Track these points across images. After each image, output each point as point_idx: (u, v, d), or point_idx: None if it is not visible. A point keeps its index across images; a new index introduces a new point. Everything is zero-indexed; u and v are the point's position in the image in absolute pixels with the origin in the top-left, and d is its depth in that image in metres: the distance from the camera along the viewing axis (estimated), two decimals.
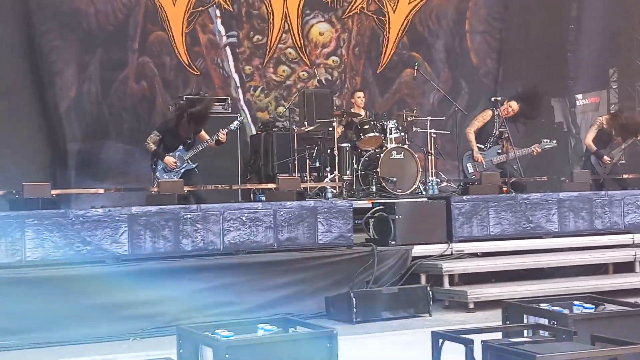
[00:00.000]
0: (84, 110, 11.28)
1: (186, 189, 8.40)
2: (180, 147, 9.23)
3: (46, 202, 7.27)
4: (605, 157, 10.47)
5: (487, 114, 10.14)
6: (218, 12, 12.50)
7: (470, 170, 10.00)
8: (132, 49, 11.72)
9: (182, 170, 9.21)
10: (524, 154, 10.07)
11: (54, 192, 7.58)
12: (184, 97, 11.05)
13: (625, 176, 10.70)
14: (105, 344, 6.59)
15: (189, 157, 9.21)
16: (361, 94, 11.20)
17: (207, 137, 9.29)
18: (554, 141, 10.37)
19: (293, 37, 12.89)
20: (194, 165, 9.28)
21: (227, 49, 12.59)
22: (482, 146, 10.10)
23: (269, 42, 12.76)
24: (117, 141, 11.23)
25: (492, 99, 9.99)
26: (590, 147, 10.66)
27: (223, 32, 12.56)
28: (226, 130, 9.35)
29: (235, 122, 9.58)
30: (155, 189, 8.13)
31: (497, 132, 10.05)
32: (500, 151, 9.99)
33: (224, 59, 12.56)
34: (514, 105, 10.13)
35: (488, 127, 10.07)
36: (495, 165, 10.00)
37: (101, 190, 9.00)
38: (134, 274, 6.95)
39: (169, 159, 9.14)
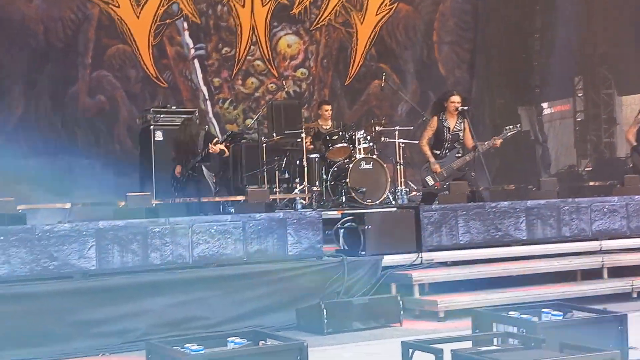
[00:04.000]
0: (33, 127, 11.18)
1: (154, 202, 8.36)
2: (190, 157, 9.57)
3: (12, 218, 7.17)
4: None
5: (434, 122, 9.74)
6: (186, 25, 12.50)
7: (430, 182, 9.68)
8: (84, 64, 11.68)
9: (184, 179, 9.53)
10: (486, 149, 9.69)
11: (19, 207, 7.49)
12: (151, 109, 11.03)
13: None
14: (74, 359, 6.53)
15: (190, 166, 9.50)
16: (329, 106, 11.19)
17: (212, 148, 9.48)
18: (518, 125, 10.01)
19: (261, 49, 12.91)
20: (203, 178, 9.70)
21: (196, 61, 12.58)
22: (439, 152, 9.72)
23: (237, 54, 12.77)
24: (72, 156, 11.16)
25: (460, 108, 9.91)
26: (629, 142, 10.70)
27: (191, 44, 12.55)
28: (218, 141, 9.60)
29: (225, 136, 10.02)
30: (123, 203, 8.07)
31: (450, 137, 9.71)
32: (459, 154, 9.79)
33: (192, 71, 12.55)
34: (456, 98, 9.84)
35: (439, 133, 9.71)
36: (456, 169, 9.78)
37: (67, 205, 8.90)
38: (102, 289, 6.89)
39: (177, 168, 9.63)
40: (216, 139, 9.64)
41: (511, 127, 9.75)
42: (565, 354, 4.51)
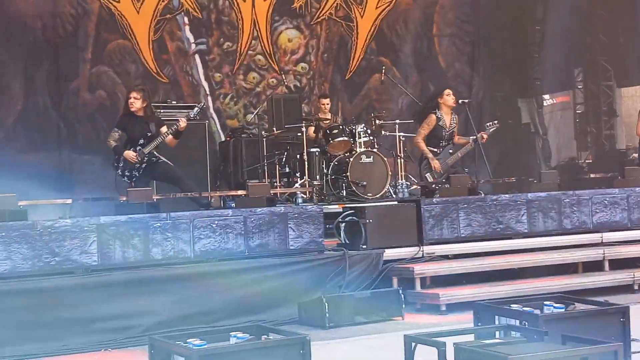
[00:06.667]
0: (33, 123, 11.17)
1: (155, 197, 8.34)
2: (141, 141, 8.73)
3: (13, 214, 7.17)
4: None
5: (432, 119, 9.79)
6: (186, 20, 12.46)
7: (430, 180, 9.73)
8: (84, 60, 11.65)
9: (144, 166, 8.74)
10: (472, 146, 9.74)
11: (20, 203, 7.49)
12: (151, 105, 10.98)
13: None
14: (76, 355, 6.54)
15: (148, 150, 8.70)
16: (327, 100, 11.23)
17: (164, 130, 8.76)
18: (496, 121, 10.06)
19: (262, 44, 12.88)
20: (162, 159, 8.83)
21: (196, 56, 12.55)
22: (437, 150, 9.82)
23: (238, 48, 12.74)
24: (72, 152, 11.17)
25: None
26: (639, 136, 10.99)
27: (192, 39, 12.52)
28: (185, 117, 8.81)
29: (196, 109, 9.11)
30: (124, 198, 8.05)
31: (446, 134, 9.82)
32: (452, 150, 9.82)
33: (193, 67, 12.52)
34: (450, 91, 9.93)
35: (436, 131, 9.79)
36: (450, 166, 9.78)
37: (69, 201, 8.88)
38: (104, 285, 6.90)
39: (129, 153, 8.67)
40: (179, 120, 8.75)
41: (491, 123, 9.95)
42: (568, 347, 4.52)
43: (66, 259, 6.89)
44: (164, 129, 8.78)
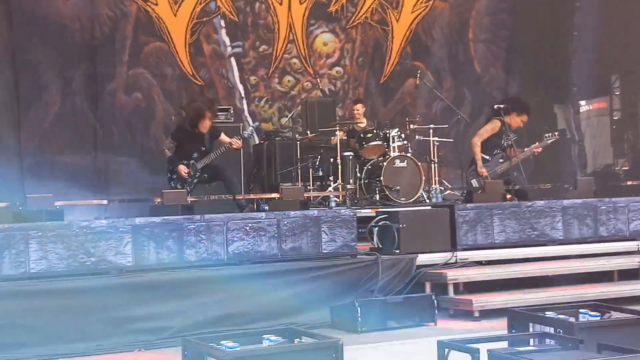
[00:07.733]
0: (69, 124, 11.29)
1: (190, 199, 8.40)
2: (195, 155, 9.21)
3: (50, 214, 7.26)
4: None
5: (497, 125, 9.68)
6: (223, 22, 12.53)
7: (475, 185, 9.71)
8: (121, 62, 11.75)
9: (196, 181, 9.21)
10: (526, 156, 9.76)
11: (57, 203, 7.57)
12: None
13: None
14: (110, 355, 6.59)
15: (200, 166, 9.16)
16: (359, 105, 11.21)
17: (227, 139, 9.22)
18: (556, 133, 9.96)
19: (298, 47, 12.91)
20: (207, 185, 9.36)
21: (232, 59, 12.61)
22: (487, 157, 9.75)
23: (274, 52, 12.78)
24: (108, 153, 11.28)
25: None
26: None
27: (228, 42, 12.58)
28: (240, 137, 9.34)
29: (250, 128, 9.50)
30: (159, 200, 8.12)
31: (505, 144, 9.70)
32: (502, 160, 9.80)
33: (228, 70, 12.58)
34: (525, 118, 9.89)
35: (496, 138, 9.72)
36: (499, 174, 9.76)
37: (104, 202, 8.98)
38: (139, 286, 6.95)
39: (182, 167, 9.12)
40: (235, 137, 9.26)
41: (550, 134, 9.79)
42: (603, 356, 4.47)
43: (101, 260, 6.95)
44: (225, 138, 9.01)
